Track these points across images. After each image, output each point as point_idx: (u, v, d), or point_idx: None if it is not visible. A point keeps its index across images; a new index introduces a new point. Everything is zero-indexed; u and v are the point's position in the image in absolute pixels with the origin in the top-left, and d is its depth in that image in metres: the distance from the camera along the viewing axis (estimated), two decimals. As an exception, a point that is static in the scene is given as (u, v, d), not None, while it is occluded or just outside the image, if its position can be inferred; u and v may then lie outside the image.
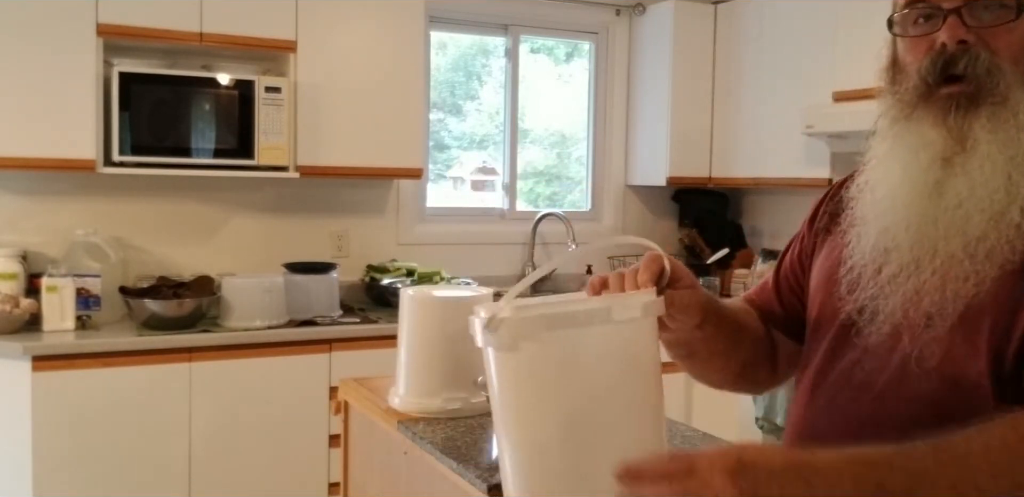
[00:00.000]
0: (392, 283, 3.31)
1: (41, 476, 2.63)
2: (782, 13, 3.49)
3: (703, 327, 1.03)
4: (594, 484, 0.87)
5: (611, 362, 0.91)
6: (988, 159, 0.88)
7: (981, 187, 0.88)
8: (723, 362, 1.13)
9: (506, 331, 0.88)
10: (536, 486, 0.90)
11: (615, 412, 0.90)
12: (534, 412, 0.90)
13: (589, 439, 0.89)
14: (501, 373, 0.92)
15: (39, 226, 3.09)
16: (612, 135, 4.16)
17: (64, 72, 2.81)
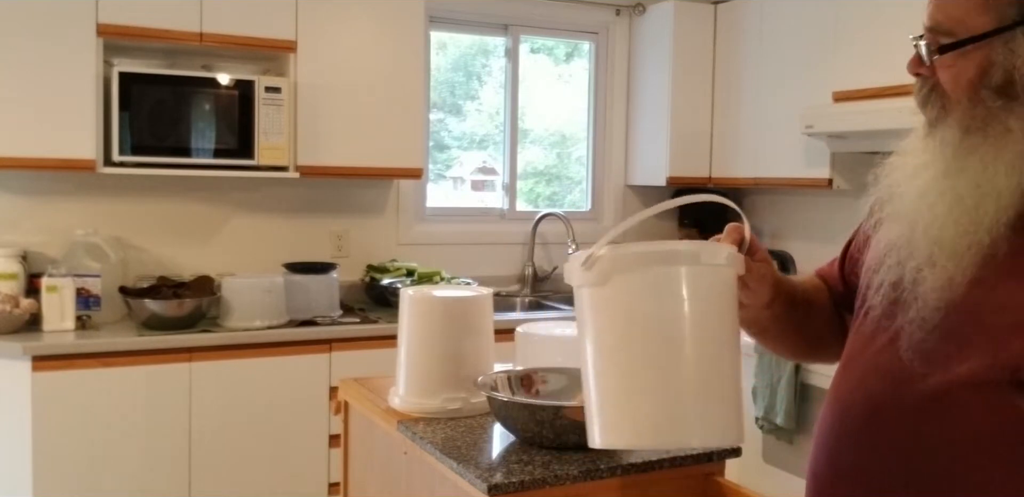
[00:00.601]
0: (392, 283, 3.31)
1: (41, 476, 2.63)
2: (782, 13, 3.49)
3: (772, 306, 1.12)
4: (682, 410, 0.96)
5: (697, 300, 0.99)
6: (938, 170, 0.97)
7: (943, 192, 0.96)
8: (794, 338, 1.20)
9: (601, 267, 0.98)
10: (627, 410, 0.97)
11: (699, 345, 0.98)
12: (625, 341, 0.98)
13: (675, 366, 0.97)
14: (596, 308, 1.00)
15: (39, 226, 3.09)
16: (612, 135, 4.16)
17: (64, 72, 2.81)
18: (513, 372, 1.57)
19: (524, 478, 1.25)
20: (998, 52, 0.92)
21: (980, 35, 0.92)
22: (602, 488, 1.31)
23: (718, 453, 1.41)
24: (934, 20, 0.97)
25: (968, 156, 0.93)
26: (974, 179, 0.92)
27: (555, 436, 1.35)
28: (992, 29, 0.92)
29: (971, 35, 0.93)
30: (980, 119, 0.94)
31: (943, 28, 0.95)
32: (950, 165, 0.94)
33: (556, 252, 3.99)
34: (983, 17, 0.92)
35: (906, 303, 0.95)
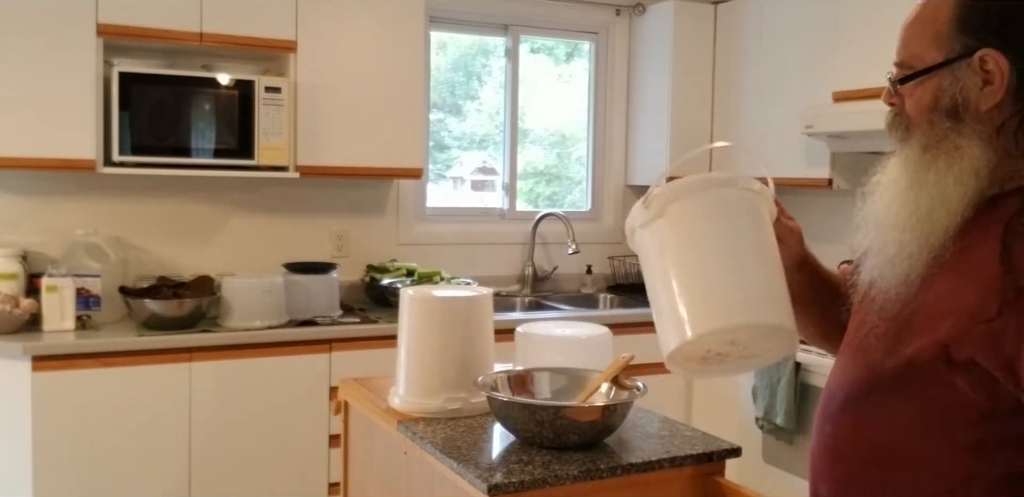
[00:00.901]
0: (392, 283, 3.31)
1: (41, 476, 2.63)
2: (782, 13, 3.49)
3: (802, 269, 1.30)
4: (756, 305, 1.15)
5: (741, 216, 1.20)
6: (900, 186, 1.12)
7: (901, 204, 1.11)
8: (820, 316, 1.31)
9: (658, 202, 1.19)
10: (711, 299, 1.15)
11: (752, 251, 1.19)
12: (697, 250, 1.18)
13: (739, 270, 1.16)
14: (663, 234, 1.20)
15: (39, 226, 3.09)
16: (612, 135, 4.16)
17: (64, 72, 2.81)
18: (513, 372, 1.57)
19: (524, 478, 1.25)
20: (947, 81, 1.06)
21: (932, 67, 1.07)
22: (602, 488, 1.31)
23: (718, 453, 1.41)
24: (900, 56, 1.13)
25: (926, 171, 1.07)
26: (929, 191, 1.06)
27: (555, 436, 1.35)
28: (941, 61, 1.06)
29: (925, 67, 1.08)
30: (935, 139, 1.07)
31: (906, 63, 1.11)
32: (912, 179, 1.08)
33: (556, 252, 3.99)
34: (934, 52, 1.07)
35: (873, 299, 1.08)
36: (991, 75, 1.03)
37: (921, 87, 1.09)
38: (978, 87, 1.04)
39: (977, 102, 1.04)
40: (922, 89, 1.09)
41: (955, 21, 1.06)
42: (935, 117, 1.08)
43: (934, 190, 1.05)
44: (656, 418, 1.60)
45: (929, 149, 1.08)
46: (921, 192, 1.06)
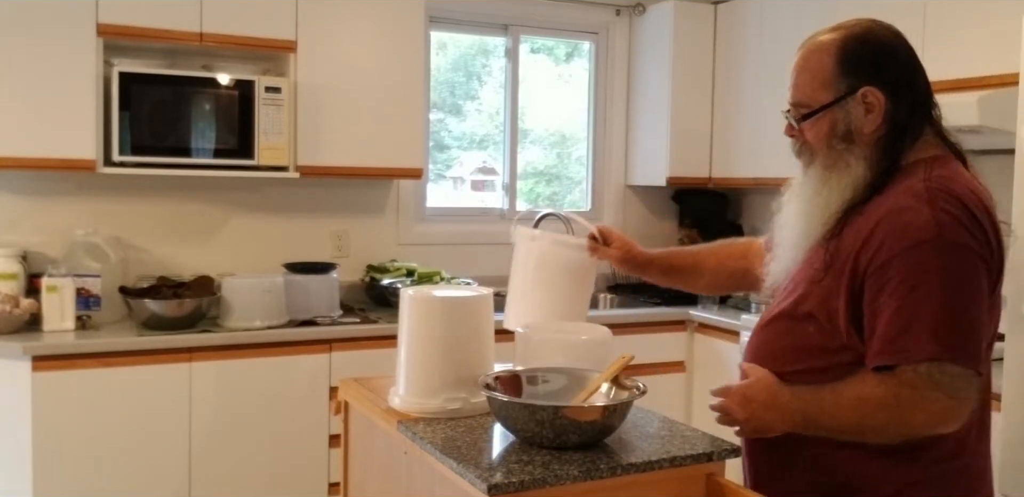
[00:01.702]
0: (392, 283, 3.31)
1: (41, 476, 2.63)
2: (782, 13, 3.49)
3: (648, 269, 1.91)
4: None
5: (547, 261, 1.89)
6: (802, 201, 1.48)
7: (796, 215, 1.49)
8: (692, 283, 1.92)
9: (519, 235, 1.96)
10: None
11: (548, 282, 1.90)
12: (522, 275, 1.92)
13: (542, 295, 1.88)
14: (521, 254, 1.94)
15: (39, 226, 3.09)
16: (612, 135, 4.16)
17: (64, 72, 2.81)
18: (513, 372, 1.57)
19: (524, 478, 1.25)
20: (839, 113, 1.40)
21: (827, 104, 1.41)
22: (602, 488, 1.31)
23: (718, 453, 1.41)
24: (795, 98, 1.45)
25: (825, 184, 1.41)
26: (825, 199, 1.41)
27: (555, 436, 1.35)
28: (833, 100, 1.40)
29: (821, 105, 1.41)
30: (834, 159, 1.41)
31: (803, 103, 1.44)
32: (815, 190, 1.43)
33: (556, 252, 3.98)
34: (826, 93, 1.41)
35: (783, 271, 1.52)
36: (871, 105, 1.38)
37: (819, 121, 1.42)
38: (862, 115, 1.39)
39: (862, 127, 1.39)
40: (820, 122, 1.42)
41: (838, 67, 1.39)
42: (833, 142, 1.41)
43: (828, 199, 1.40)
44: (656, 418, 1.60)
45: (829, 168, 1.42)
46: (819, 200, 1.41)
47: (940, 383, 1.27)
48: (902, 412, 1.29)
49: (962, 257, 1.28)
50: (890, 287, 1.29)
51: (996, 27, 2.61)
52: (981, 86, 2.63)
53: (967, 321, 1.28)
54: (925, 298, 1.27)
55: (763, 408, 1.39)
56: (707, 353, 3.52)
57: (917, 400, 1.28)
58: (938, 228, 1.27)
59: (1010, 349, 2.22)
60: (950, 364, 1.27)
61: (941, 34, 2.80)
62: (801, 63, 1.44)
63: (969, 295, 1.29)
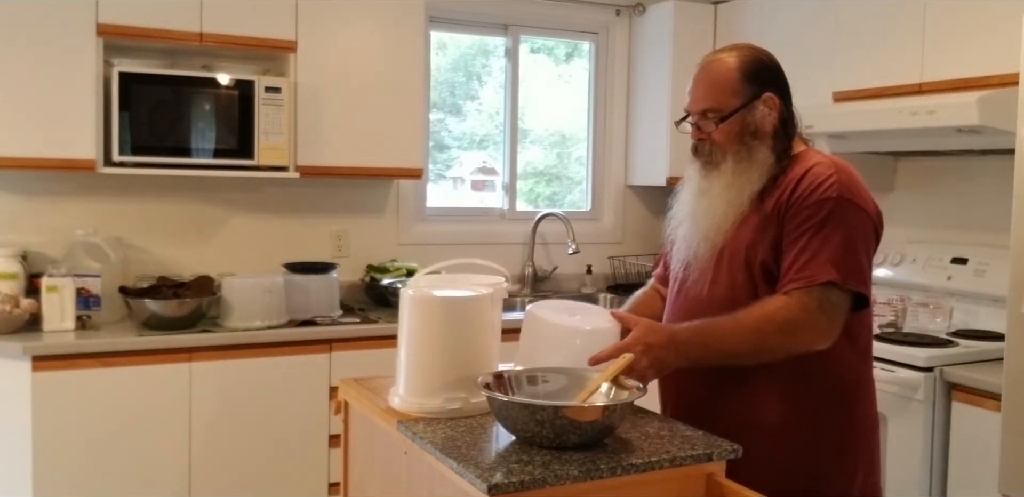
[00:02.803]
0: (392, 283, 3.31)
1: (41, 476, 2.63)
2: (782, 13, 3.49)
3: None
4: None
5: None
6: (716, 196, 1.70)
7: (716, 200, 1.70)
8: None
9: None
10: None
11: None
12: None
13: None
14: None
15: (39, 226, 3.09)
16: (612, 135, 4.16)
17: (64, 72, 2.81)
18: (513, 372, 1.57)
19: (524, 478, 1.25)
20: (748, 115, 1.69)
21: (738, 108, 1.69)
22: (602, 488, 1.31)
23: (718, 453, 1.41)
24: (705, 106, 1.71)
25: (740, 175, 1.68)
26: (739, 188, 1.68)
27: (555, 436, 1.35)
28: (742, 104, 1.69)
29: (733, 109, 1.69)
30: (746, 153, 1.69)
31: (714, 109, 1.70)
32: (728, 183, 1.69)
33: (556, 252, 3.99)
34: (735, 99, 1.69)
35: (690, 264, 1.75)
36: (771, 108, 1.70)
37: (732, 122, 1.69)
38: (765, 115, 1.70)
39: (765, 125, 1.70)
40: (733, 124, 1.69)
41: (743, 78, 1.69)
42: (745, 139, 1.69)
43: (744, 187, 1.67)
44: (656, 418, 1.60)
45: (741, 161, 1.68)
46: (733, 190, 1.67)
47: (825, 306, 1.56)
48: (795, 332, 1.55)
49: (857, 213, 1.61)
50: (799, 230, 1.60)
51: (996, 27, 2.61)
52: (981, 86, 2.63)
53: (855, 257, 1.59)
54: (826, 237, 1.58)
55: (663, 350, 1.56)
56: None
57: (808, 321, 1.55)
58: (840, 189, 1.60)
59: (1010, 349, 2.22)
60: (837, 290, 1.56)
61: (941, 34, 2.80)
62: (705, 77, 1.72)
63: (862, 242, 1.61)
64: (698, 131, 1.74)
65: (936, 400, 2.49)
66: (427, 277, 1.74)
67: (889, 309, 2.95)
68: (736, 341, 1.57)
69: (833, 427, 1.66)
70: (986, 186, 2.98)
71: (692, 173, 1.77)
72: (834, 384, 1.66)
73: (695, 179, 1.75)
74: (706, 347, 1.58)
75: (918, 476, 2.50)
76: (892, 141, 2.97)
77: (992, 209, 2.93)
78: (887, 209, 1.77)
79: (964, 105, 2.52)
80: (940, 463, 2.50)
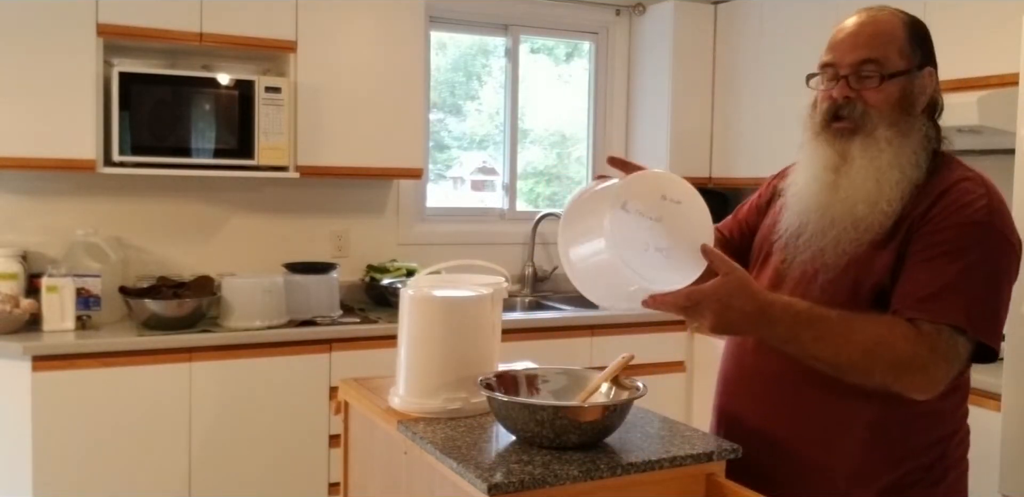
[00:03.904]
0: (392, 283, 3.31)
1: (41, 476, 2.63)
2: (782, 13, 3.49)
3: None
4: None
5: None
6: (862, 169, 1.39)
7: (860, 186, 1.39)
8: None
9: None
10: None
11: None
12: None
13: None
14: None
15: (39, 226, 3.09)
16: (612, 135, 4.16)
17: (64, 72, 2.81)
18: (513, 372, 1.57)
19: (524, 478, 1.25)
20: (909, 83, 1.41)
21: (904, 71, 1.40)
22: (602, 488, 1.31)
23: (718, 453, 1.41)
24: (867, 55, 1.40)
25: (900, 152, 1.38)
26: (900, 167, 1.38)
27: (555, 436, 1.35)
28: (907, 68, 1.41)
29: (898, 70, 1.40)
30: (905, 127, 1.40)
31: (876, 61, 1.39)
32: (890, 158, 1.38)
33: (556, 252, 3.98)
34: (902, 60, 1.41)
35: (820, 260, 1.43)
36: (925, 86, 1.43)
37: (893, 85, 1.40)
38: (924, 90, 1.43)
39: (918, 104, 1.43)
40: (893, 86, 1.40)
41: (912, 40, 1.42)
42: (899, 109, 1.40)
43: (904, 167, 1.39)
44: (656, 418, 1.59)
45: (902, 135, 1.40)
46: (893, 169, 1.38)
47: (950, 354, 1.29)
48: (909, 371, 1.29)
49: (1006, 249, 1.34)
50: (934, 253, 1.32)
51: (996, 27, 2.61)
52: (981, 86, 2.63)
53: (994, 304, 1.33)
54: (964, 272, 1.31)
55: (743, 318, 1.27)
56: (707, 353, 3.51)
57: (929, 364, 1.28)
58: (991, 215, 1.34)
59: (1010, 349, 2.22)
60: (965, 338, 1.30)
61: (941, 34, 2.78)
62: (869, 27, 1.42)
63: (1003, 283, 1.34)
64: (846, 86, 1.42)
65: (936, 400, 2.48)
66: (427, 277, 1.73)
67: (889, 309, 2.94)
68: (835, 350, 1.29)
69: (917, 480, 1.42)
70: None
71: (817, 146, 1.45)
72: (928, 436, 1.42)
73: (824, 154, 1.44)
74: (796, 339, 1.30)
75: (918, 476, 2.49)
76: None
77: (992, 209, 2.93)
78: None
79: (964, 105, 2.52)
80: (940, 463, 2.49)
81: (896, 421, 1.39)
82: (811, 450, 1.43)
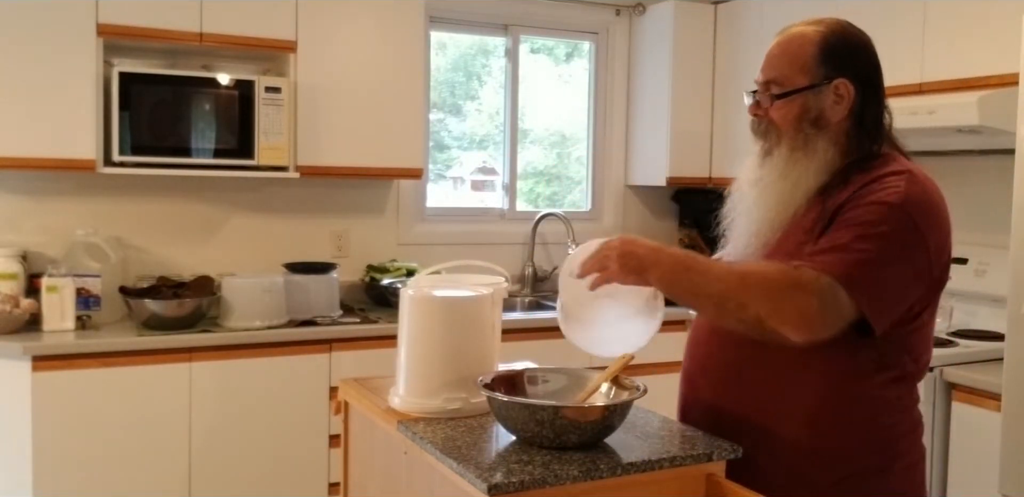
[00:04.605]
0: (392, 283, 3.31)
1: (41, 476, 2.63)
2: (782, 13, 3.49)
3: None
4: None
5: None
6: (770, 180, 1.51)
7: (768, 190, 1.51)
8: None
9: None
10: None
11: None
12: None
13: None
14: None
15: (39, 226, 3.09)
16: (612, 135, 4.16)
17: (64, 72, 2.81)
18: (513, 372, 1.57)
19: (524, 478, 1.25)
20: (811, 99, 1.48)
21: (803, 88, 1.48)
22: (602, 488, 1.31)
23: (718, 453, 1.41)
24: (770, 76, 1.52)
25: (794, 166, 1.49)
26: (793, 181, 1.48)
27: (555, 436, 1.35)
28: (808, 85, 1.49)
29: (796, 88, 1.49)
30: (801, 142, 1.49)
31: (777, 81, 1.51)
32: (781, 173, 1.49)
33: (556, 252, 3.99)
34: (803, 77, 1.49)
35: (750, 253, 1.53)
36: (841, 97, 1.48)
37: (791, 102, 1.49)
38: (832, 104, 1.48)
39: (831, 115, 1.48)
40: (792, 104, 1.49)
41: (819, 56, 1.49)
42: (803, 126, 1.49)
43: (799, 180, 1.48)
44: (656, 418, 1.60)
45: (796, 149, 1.49)
46: (787, 183, 1.48)
47: (825, 296, 1.33)
48: (781, 297, 1.34)
49: (909, 229, 1.37)
50: (839, 225, 1.40)
51: (996, 27, 2.61)
52: (981, 86, 2.63)
53: (880, 272, 1.36)
54: (859, 238, 1.36)
55: (638, 259, 1.42)
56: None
57: (800, 298, 1.33)
58: (904, 200, 1.38)
59: (1010, 349, 2.22)
60: (845, 294, 1.34)
61: (941, 34, 2.80)
62: (782, 47, 1.54)
63: (897, 261, 1.37)
64: (756, 105, 1.55)
65: (936, 400, 2.49)
66: (427, 277, 1.73)
67: (889, 309, 2.94)
68: (716, 282, 1.39)
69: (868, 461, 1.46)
70: (986, 186, 2.98)
71: (749, 162, 1.58)
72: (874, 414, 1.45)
73: (751, 168, 1.56)
74: (685, 272, 1.41)
75: (918, 476, 2.50)
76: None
77: (992, 209, 2.93)
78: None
79: (964, 105, 2.52)
80: (940, 463, 2.50)
81: (836, 404, 1.44)
82: (760, 432, 1.48)
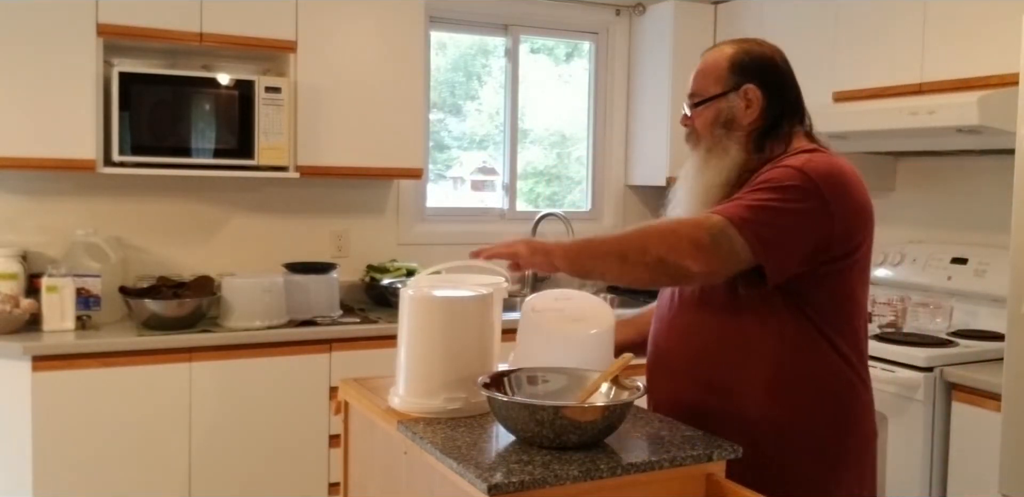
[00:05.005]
0: (392, 283, 3.31)
1: (41, 476, 2.63)
2: (782, 13, 3.49)
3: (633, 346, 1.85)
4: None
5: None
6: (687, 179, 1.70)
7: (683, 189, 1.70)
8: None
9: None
10: None
11: None
12: None
13: None
14: None
15: (39, 226, 3.09)
16: (612, 135, 4.16)
17: (64, 72, 2.81)
18: (513, 372, 1.57)
19: (524, 478, 1.25)
20: (723, 105, 1.67)
21: (715, 95, 1.68)
22: (602, 488, 1.31)
23: (718, 453, 1.41)
24: (692, 90, 1.72)
25: (706, 164, 1.67)
26: (705, 180, 1.65)
27: (555, 436, 1.35)
28: (721, 92, 1.68)
29: (710, 96, 1.68)
30: (713, 143, 1.67)
31: (697, 94, 1.70)
32: (698, 171, 1.68)
33: (556, 252, 3.99)
34: (716, 86, 1.68)
35: None
36: (751, 101, 1.66)
37: (707, 109, 1.68)
38: (743, 108, 1.66)
39: (741, 119, 1.66)
40: (708, 110, 1.68)
41: (730, 67, 1.67)
42: (715, 129, 1.67)
43: (711, 179, 1.64)
44: (656, 418, 1.60)
45: (711, 151, 1.67)
46: (701, 180, 1.65)
47: (714, 232, 1.47)
48: (677, 234, 1.49)
49: (810, 195, 1.50)
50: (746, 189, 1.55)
51: (996, 27, 2.61)
52: (981, 86, 2.63)
53: (772, 218, 1.49)
54: (755, 190, 1.53)
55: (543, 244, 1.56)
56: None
57: (693, 230, 1.48)
58: (804, 164, 1.54)
59: (1010, 349, 2.22)
60: (735, 230, 1.47)
61: (941, 34, 2.80)
62: (701, 65, 1.73)
63: (792, 212, 1.50)
64: (684, 116, 1.75)
65: (936, 400, 2.49)
66: (427, 277, 1.73)
67: (889, 309, 2.95)
68: (616, 239, 1.53)
69: (823, 434, 1.59)
70: (986, 186, 2.98)
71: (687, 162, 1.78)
72: (821, 388, 1.59)
73: (684, 167, 1.75)
74: (588, 241, 1.55)
75: (918, 476, 2.50)
76: (892, 141, 2.97)
77: (992, 209, 2.93)
78: (888, 209, 1.78)
79: (964, 105, 2.52)
80: (940, 463, 2.50)
81: (790, 374, 1.58)
82: (720, 411, 1.61)
